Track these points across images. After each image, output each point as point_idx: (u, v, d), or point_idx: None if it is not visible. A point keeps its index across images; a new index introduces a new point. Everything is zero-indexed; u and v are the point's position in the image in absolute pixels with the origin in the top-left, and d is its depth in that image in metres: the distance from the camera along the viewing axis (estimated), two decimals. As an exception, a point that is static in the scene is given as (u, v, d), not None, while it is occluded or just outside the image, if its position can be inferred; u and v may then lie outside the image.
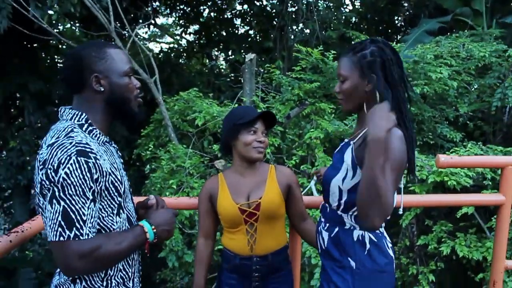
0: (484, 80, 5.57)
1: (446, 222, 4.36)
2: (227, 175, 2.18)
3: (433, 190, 4.06)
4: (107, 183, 1.47)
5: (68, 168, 1.36)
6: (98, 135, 1.54)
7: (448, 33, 6.79)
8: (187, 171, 4.78)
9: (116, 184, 1.51)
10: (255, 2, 10.50)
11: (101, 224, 1.48)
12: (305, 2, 9.86)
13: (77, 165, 1.37)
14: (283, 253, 2.17)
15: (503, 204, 2.38)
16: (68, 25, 8.66)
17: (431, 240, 4.24)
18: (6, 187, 8.41)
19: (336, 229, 1.82)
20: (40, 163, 1.40)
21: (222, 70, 11.92)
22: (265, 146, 2.11)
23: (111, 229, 1.50)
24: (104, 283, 1.51)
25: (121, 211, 1.55)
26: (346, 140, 1.91)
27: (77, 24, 9.08)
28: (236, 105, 5.56)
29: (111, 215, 1.51)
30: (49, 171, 1.36)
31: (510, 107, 5.53)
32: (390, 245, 1.86)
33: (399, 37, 11.34)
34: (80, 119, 1.52)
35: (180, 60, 11.76)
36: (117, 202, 1.53)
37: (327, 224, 1.88)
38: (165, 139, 5.59)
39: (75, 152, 1.38)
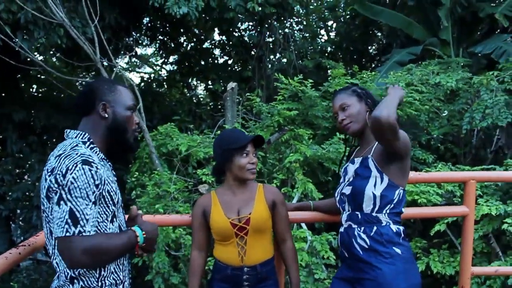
0: (453, 105, 5.90)
1: (421, 239, 4.59)
2: (219, 193, 2.38)
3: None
4: (104, 192, 1.68)
5: (75, 173, 1.58)
6: (98, 152, 1.77)
7: (419, 62, 7.17)
8: (172, 195, 4.93)
9: (112, 193, 1.73)
10: (234, 33, 10.83)
11: (97, 228, 1.67)
12: (282, 33, 10.22)
13: (82, 171, 1.59)
14: (270, 264, 2.36)
15: (467, 215, 2.61)
16: (47, 56, 8.79)
17: (407, 256, 4.44)
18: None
19: (375, 228, 2.09)
20: (48, 171, 1.62)
21: (201, 99, 12.16)
22: (256, 165, 2.33)
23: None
24: (99, 283, 1.70)
25: (114, 219, 1.75)
26: (357, 158, 2.22)
27: (57, 55, 9.23)
28: (219, 132, 5.76)
29: (106, 221, 1.70)
30: (57, 176, 1.58)
31: (478, 130, 5.87)
32: None
33: (373, 65, 11.79)
34: (84, 138, 1.76)
35: (160, 90, 11.97)
36: (111, 210, 1.73)
37: (362, 227, 2.12)
38: (148, 172, 5.67)
39: (80, 161, 1.61)
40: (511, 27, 8.03)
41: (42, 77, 9.90)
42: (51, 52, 7.91)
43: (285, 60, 10.50)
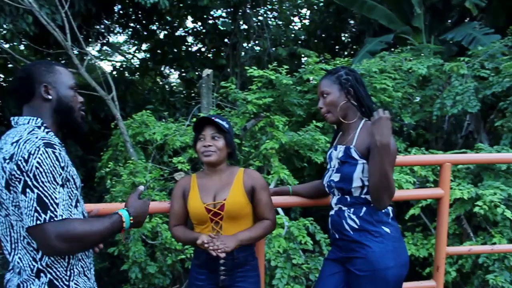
0: (425, 91, 5.99)
1: (395, 223, 4.66)
2: (199, 176, 2.37)
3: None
4: (68, 174, 1.63)
5: (39, 157, 1.52)
6: (53, 136, 1.70)
7: (392, 49, 7.24)
8: (147, 184, 4.88)
9: (74, 177, 1.68)
10: (208, 20, 10.73)
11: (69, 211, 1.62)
12: (256, 20, 10.18)
13: (46, 154, 1.53)
14: (249, 250, 2.32)
15: (442, 197, 2.67)
16: (15, 44, 8.54)
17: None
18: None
19: (364, 208, 2.15)
20: (6, 159, 1.54)
21: (174, 88, 12.05)
22: (217, 149, 2.25)
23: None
24: (68, 273, 1.64)
25: (78, 204, 1.69)
26: (340, 146, 2.23)
27: (24, 43, 8.97)
28: (194, 119, 5.72)
29: (71, 206, 1.63)
30: (19, 162, 1.51)
31: (449, 116, 5.98)
32: None
33: (345, 53, 11.86)
34: (37, 122, 1.69)
35: (133, 78, 11.80)
36: (75, 194, 1.67)
37: (352, 209, 2.18)
38: (122, 161, 5.61)
39: (42, 144, 1.55)
40: (480, 15, 8.21)
41: (10, 65, 9.63)
42: (22, 40, 7.69)
43: (259, 48, 10.48)
